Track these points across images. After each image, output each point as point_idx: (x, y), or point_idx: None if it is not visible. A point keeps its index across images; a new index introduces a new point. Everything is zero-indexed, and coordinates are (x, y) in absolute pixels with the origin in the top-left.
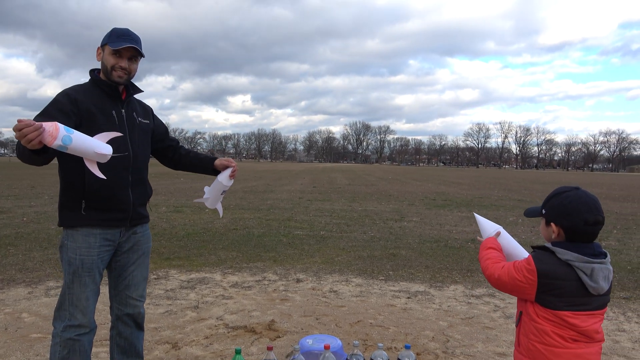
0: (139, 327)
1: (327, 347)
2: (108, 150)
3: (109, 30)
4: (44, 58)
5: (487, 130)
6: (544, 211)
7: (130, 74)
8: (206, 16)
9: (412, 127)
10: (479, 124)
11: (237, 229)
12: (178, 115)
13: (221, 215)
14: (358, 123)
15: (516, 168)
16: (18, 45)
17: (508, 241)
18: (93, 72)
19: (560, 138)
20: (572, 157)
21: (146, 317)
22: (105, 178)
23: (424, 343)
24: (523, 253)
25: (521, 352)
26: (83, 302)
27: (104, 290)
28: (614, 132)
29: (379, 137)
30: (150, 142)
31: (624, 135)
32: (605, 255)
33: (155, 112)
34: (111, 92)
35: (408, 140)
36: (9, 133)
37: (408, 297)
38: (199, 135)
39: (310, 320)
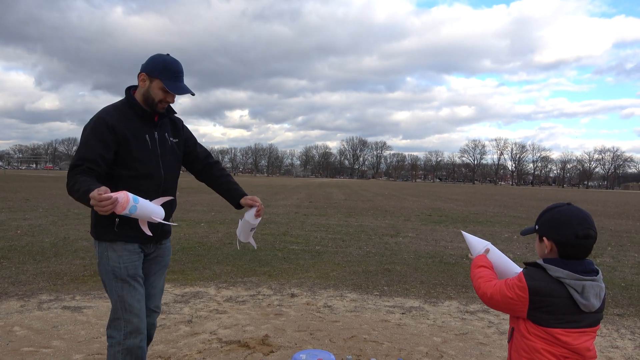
0: (149, 338)
1: None
2: (161, 216)
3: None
4: (43, 71)
5: (483, 146)
6: (537, 227)
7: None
8: (206, 32)
9: (409, 143)
10: (474, 140)
11: (232, 244)
12: None
13: (255, 247)
14: (355, 138)
15: (512, 184)
16: (18, 59)
17: (498, 257)
18: (129, 91)
19: (555, 155)
20: (568, 174)
21: None
22: (152, 235)
23: (418, 359)
24: (514, 267)
25: None
26: (136, 306)
27: (99, 304)
28: (608, 150)
29: (375, 152)
30: (181, 157)
31: (618, 153)
32: (596, 273)
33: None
34: (145, 116)
35: (404, 156)
36: (4, 145)
37: (402, 313)
38: None
39: (304, 335)
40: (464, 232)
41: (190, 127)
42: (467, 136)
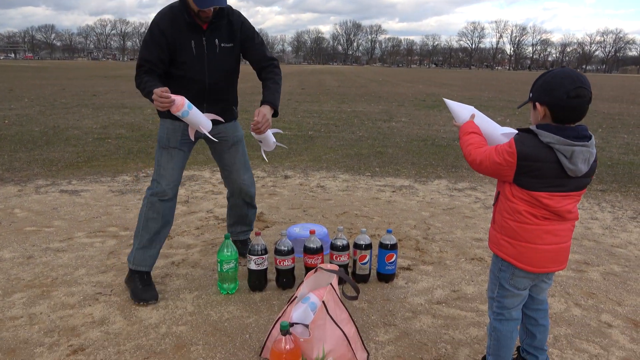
0: (249, 204)
1: (312, 232)
2: (208, 128)
3: None
4: None
5: (482, 29)
6: (531, 94)
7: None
8: None
9: (405, 26)
10: (474, 22)
11: None
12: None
13: (265, 160)
14: (348, 22)
15: (509, 69)
16: None
17: (484, 121)
18: None
19: (556, 37)
20: (567, 58)
21: (137, 210)
22: (193, 140)
23: (406, 231)
24: (500, 129)
25: (495, 229)
26: (169, 172)
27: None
28: (611, 32)
29: (370, 37)
30: (240, 56)
31: (621, 35)
32: (588, 138)
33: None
34: (193, 23)
35: (400, 41)
36: None
37: (393, 191)
38: None
39: (297, 212)
40: (445, 99)
41: None
42: (466, 18)
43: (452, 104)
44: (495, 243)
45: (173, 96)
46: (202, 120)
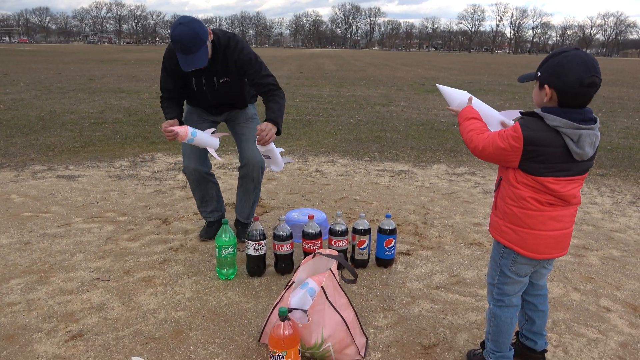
0: (254, 180)
1: (311, 218)
2: (214, 146)
3: None
4: None
5: (482, 12)
6: (539, 73)
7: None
8: None
9: (405, 8)
10: (474, 5)
11: None
12: None
13: (272, 169)
14: (347, 5)
15: (509, 53)
16: None
17: (481, 105)
18: None
19: (557, 20)
20: (567, 41)
21: (134, 196)
22: (220, 159)
23: (405, 216)
24: (496, 114)
25: (497, 215)
26: (187, 149)
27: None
28: (612, 15)
29: (369, 20)
30: (238, 85)
31: (622, 18)
32: (594, 121)
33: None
34: None
35: (399, 24)
36: None
37: (392, 176)
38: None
39: (296, 197)
40: (439, 85)
41: None
42: (466, 1)
43: (446, 89)
44: (497, 229)
45: (176, 129)
46: (207, 142)
